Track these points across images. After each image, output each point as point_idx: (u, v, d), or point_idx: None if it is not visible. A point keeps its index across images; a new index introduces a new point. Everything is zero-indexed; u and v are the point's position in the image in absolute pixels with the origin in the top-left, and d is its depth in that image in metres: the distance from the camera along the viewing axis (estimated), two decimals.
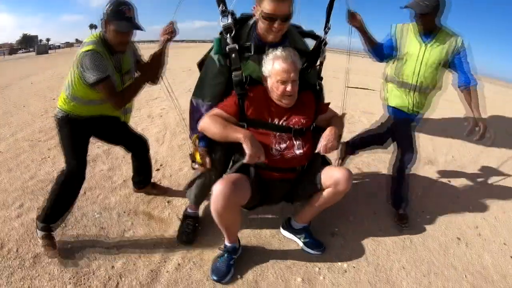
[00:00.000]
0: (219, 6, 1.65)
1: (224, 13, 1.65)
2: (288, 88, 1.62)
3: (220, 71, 1.75)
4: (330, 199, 1.78)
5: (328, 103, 1.94)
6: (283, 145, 1.70)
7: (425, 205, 2.58)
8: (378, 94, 2.67)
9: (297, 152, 1.72)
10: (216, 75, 1.77)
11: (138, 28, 1.79)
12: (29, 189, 2.47)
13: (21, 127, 4.19)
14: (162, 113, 4.29)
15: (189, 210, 2.11)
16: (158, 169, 2.67)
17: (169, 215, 2.13)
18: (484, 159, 4.01)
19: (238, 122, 1.69)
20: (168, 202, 2.26)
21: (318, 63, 1.91)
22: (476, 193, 2.92)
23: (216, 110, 1.70)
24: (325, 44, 1.87)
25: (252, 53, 1.72)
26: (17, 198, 2.36)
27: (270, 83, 1.67)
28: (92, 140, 2.07)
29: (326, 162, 1.95)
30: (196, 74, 1.92)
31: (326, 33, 1.86)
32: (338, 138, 1.79)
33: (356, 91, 7.87)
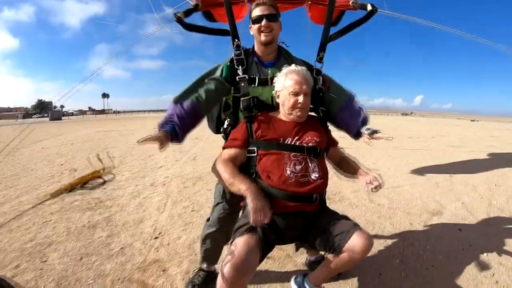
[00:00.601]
0: (233, 41, 1.92)
1: (238, 47, 1.91)
2: (300, 99, 1.66)
3: (219, 81, 1.86)
4: (345, 265, 1.64)
5: (336, 142, 1.93)
6: (298, 167, 1.62)
7: (435, 258, 2.46)
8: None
9: (313, 176, 1.63)
10: (213, 79, 1.87)
11: None
12: (27, 251, 2.51)
13: (26, 190, 4.34)
14: (165, 181, 4.43)
15: (203, 266, 2.11)
16: (156, 237, 2.71)
17: (163, 283, 2.14)
18: (497, 200, 3.94)
19: (248, 148, 1.69)
20: (163, 270, 2.27)
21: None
22: (490, 238, 2.81)
23: (226, 152, 1.70)
24: (318, 73, 1.94)
25: (257, 84, 1.85)
26: (14, 259, 2.40)
27: (282, 97, 1.72)
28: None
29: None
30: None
31: (318, 62, 1.97)
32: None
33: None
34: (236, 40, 1.93)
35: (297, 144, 1.67)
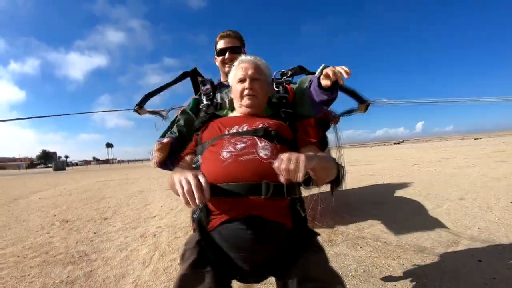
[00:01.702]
0: (198, 79, 2.17)
1: (203, 82, 2.04)
2: (246, 84, 1.50)
3: (187, 114, 1.91)
4: None
5: (310, 141, 1.53)
6: (240, 146, 1.24)
7: None
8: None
9: (262, 153, 1.20)
10: (182, 113, 1.94)
11: None
12: None
13: (13, 242, 4.26)
14: (156, 232, 4.31)
15: None
16: None
17: None
18: None
19: (195, 155, 1.50)
20: None
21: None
22: None
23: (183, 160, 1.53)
24: (278, 84, 1.84)
25: (223, 107, 1.85)
26: None
27: (233, 90, 1.61)
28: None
29: (312, 233, 1.29)
30: None
31: (281, 75, 1.92)
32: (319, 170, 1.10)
33: None
34: (199, 77, 2.11)
35: (244, 129, 1.38)
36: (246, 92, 1.50)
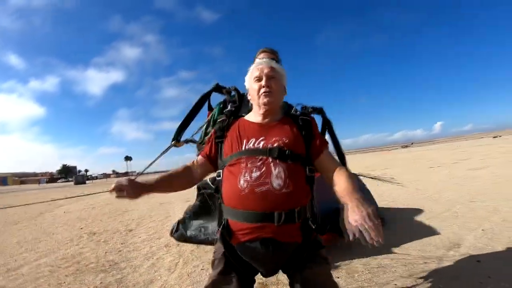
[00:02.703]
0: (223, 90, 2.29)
1: (229, 91, 2.26)
2: (263, 82, 1.55)
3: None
4: None
5: (325, 142, 1.62)
6: (255, 174, 1.35)
7: None
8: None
9: (275, 183, 1.33)
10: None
11: None
12: None
13: (45, 253, 4.60)
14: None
15: None
16: None
17: None
18: None
19: (214, 169, 1.65)
20: None
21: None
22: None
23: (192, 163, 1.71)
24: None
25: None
26: None
27: (250, 91, 1.65)
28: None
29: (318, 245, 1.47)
30: None
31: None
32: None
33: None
34: (223, 89, 2.32)
35: (260, 146, 1.45)
36: (262, 90, 1.53)
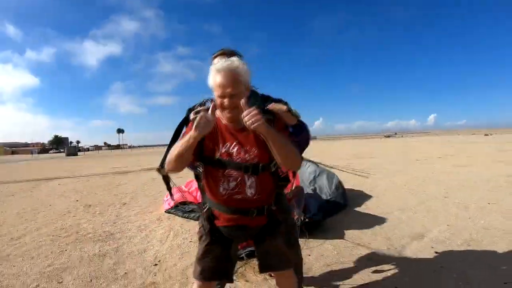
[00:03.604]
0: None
1: (204, 103, 2.16)
2: (225, 102, 1.58)
3: None
4: None
5: (287, 131, 1.86)
6: (232, 184, 1.65)
7: (400, 280, 2.77)
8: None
9: (249, 193, 1.65)
10: None
11: None
12: (45, 274, 3.06)
13: (45, 224, 4.98)
14: (170, 216, 4.96)
15: None
16: (155, 264, 3.22)
17: None
18: (485, 219, 4.28)
19: (194, 162, 1.74)
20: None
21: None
22: (465, 259, 3.10)
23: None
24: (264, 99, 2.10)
25: None
26: (35, 280, 2.96)
27: (215, 95, 1.64)
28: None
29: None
30: None
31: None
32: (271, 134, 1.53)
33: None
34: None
35: (236, 157, 1.64)
36: (226, 107, 1.59)
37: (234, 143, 1.66)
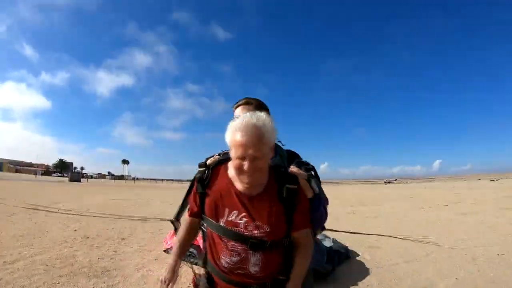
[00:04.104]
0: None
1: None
2: (245, 165, 1.37)
3: None
4: None
5: (307, 222, 1.56)
6: (235, 259, 1.45)
7: None
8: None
9: (252, 270, 1.45)
10: None
11: None
12: None
13: (40, 251, 4.84)
14: (169, 256, 4.78)
15: None
16: None
17: None
18: (494, 272, 4.06)
19: (202, 223, 1.63)
20: None
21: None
22: None
23: (186, 218, 1.69)
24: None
25: None
26: None
27: (231, 155, 1.44)
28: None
29: None
30: None
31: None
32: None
33: None
34: None
35: (243, 230, 1.44)
36: (245, 171, 1.38)
37: (244, 214, 1.45)
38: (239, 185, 1.49)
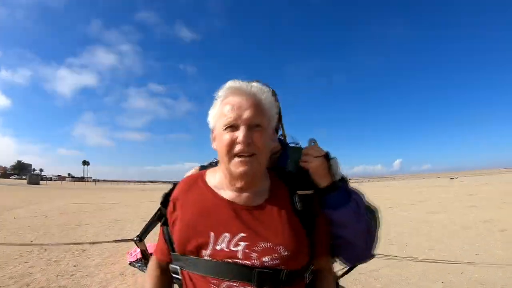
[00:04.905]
0: None
1: None
2: (240, 135, 0.91)
3: None
4: None
5: (327, 243, 1.07)
6: None
7: None
8: None
9: None
10: None
11: None
12: None
13: None
14: (135, 271, 4.52)
15: None
16: None
17: None
18: (479, 273, 4.11)
19: (170, 265, 1.04)
20: None
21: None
22: None
23: (152, 259, 1.16)
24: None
25: None
26: None
27: (217, 138, 0.99)
28: None
29: None
30: None
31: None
32: None
33: None
34: None
35: (243, 259, 0.89)
36: (238, 148, 0.91)
37: (242, 235, 0.91)
38: (228, 192, 0.99)
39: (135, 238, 1.55)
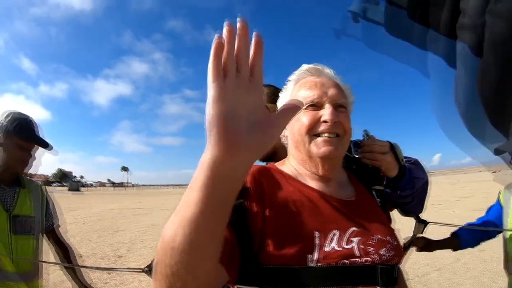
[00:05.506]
0: None
1: None
2: (326, 114, 0.79)
3: None
4: None
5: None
6: None
7: None
8: None
9: None
10: None
11: (45, 144, 1.63)
12: None
13: None
14: None
15: None
16: None
17: None
18: None
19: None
20: None
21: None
22: None
23: None
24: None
25: None
26: None
27: (294, 131, 0.85)
28: None
29: None
30: None
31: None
32: None
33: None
34: None
35: (360, 255, 0.70)
36: (323, 127, 0.80)
37: (353, 229, 0.74)
38: (314, 183, 0.82)
39: (145, 268, 1.28)
